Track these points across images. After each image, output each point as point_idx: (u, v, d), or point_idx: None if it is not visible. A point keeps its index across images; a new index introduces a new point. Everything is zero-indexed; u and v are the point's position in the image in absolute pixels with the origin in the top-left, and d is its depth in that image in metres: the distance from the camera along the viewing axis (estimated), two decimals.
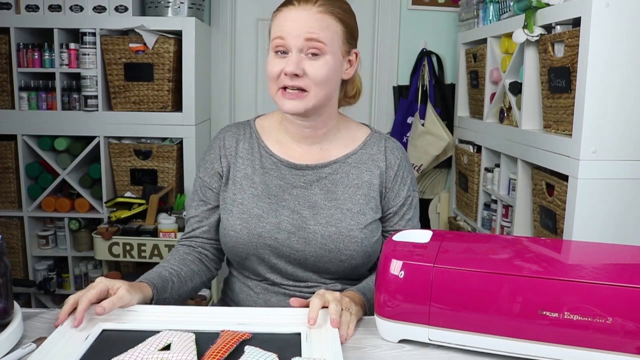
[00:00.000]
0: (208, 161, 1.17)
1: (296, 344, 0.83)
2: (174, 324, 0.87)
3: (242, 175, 1.13)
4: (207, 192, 1.16)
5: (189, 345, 0.79)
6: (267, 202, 1.11)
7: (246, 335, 0.84)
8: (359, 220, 1.10)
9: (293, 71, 1.02)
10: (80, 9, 2.29)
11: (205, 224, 1.17)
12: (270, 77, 1.06)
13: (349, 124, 1.20)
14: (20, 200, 2.45)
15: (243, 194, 1.12)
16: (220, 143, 1.17)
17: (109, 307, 0.88)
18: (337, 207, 1.10)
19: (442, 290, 0.81)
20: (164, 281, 1.05)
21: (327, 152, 1.15)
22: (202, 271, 1.16)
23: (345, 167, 1.14)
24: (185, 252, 1.16)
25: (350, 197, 1.11)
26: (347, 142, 1.16)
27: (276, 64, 1.05)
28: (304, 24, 1.02)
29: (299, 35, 1.02)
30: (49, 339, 0.81)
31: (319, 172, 1.13)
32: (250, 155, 1.15)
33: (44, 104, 2.37)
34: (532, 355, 0.80)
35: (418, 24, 2.86)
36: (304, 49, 1.03)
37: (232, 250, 1.12)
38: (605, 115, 1.50)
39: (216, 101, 2.87)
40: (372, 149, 1.16)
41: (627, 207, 1.55)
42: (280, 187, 1.12)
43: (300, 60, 1.03)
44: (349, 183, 1.12)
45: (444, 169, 2.90)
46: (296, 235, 1.09)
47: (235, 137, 1.17)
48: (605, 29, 1.46)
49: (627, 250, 0.91)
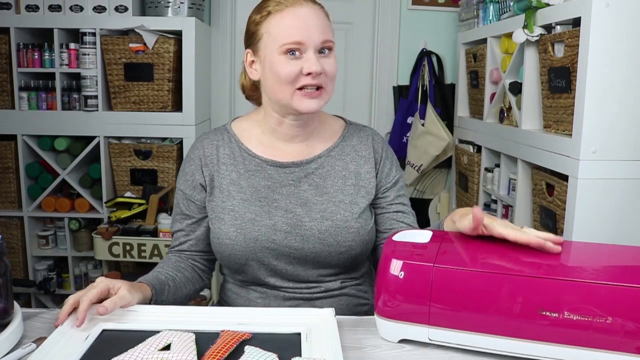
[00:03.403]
0: (188, 173, 1.14)
1: (296, 344, 0.83)
2: (174, 324, 0.87)
3: (228, 182, 1.11)
4: (190, 205, 1.14)
5: (189, 345, 0.79)
6: (259, 204, 1.09)
7: (246, 335, 0.84)
8: (352, 210, 1.10)
9: (319, 70, 1.02)
10: (80, 9, 2.29)
11: (192, 237, 1.16)
12: (286, 80, 1.03)
13: (326, 117, 1.20)
14: (20, 200, 2.45)
15: (232, 200, 1.10)
16: (200, 152, 1.14)
17: (111, 307, 0.88)
18: (329, 201, 1.10)
19: (442, 290, 0.81)
20: (162, 284, 1.06)
21: (312, 147, 1.14)
22: (195, 279, 1.16)
23: (330, 160, 1.14)
24: (178, 260, 1.16)
25: (340, 188, 1.11)
26: (327, 135, 1.17)
27: (291, 65, 1.02)
28: (316, 24, 1.03)
29: (316, 37, 1.02)
30: (49, 339, 0.81)
31: (306, 168, 1.12)
32: (233, 160, 1.13)
33: (44, 104, 2.37)
34: (532, 355, 0.80)
35: (418, 24, 2.86)
36: (318, 48, 1.03)
37: (229, 258, 1.10)
38: (605, 115, 1.50)
39: (216, 101, 2.87)
40: (353, 140, 1.17)
41: (627, 207, 1.55)
42: (268, 187, 1.11)
43: (318, 59, 1.03)
44: (336, 175, 1.12)
45: (444, 169, 2.89)
46: (292, 233, 1.08)
47: (215, 143, 1.14)
48: (605, 29, 1.46)
49: (627, 251, 0.91)
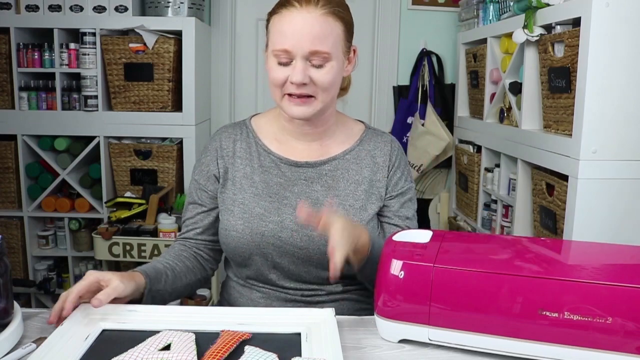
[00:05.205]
0: (204, 163, 1.16)
1: (296, 344, 0.83)
2: (174, 324, 0.87)
3: (242, 175, 1.13)
4: (202, 194, 1.16)
5: (189, 345, 0.79)
6: (269, 200, 1.10)
7: (246, 335, 0.84)
8: (361, 216, 1.10)
9: (301, 81, 1.00)
10: (80, 9, 2.29)
11: (200, 226, 1.17)
12: (275, 84, 1.04)
13: (346, 120, 1.20)
14: (20, 200, 2.45)
15: (244, 194, 1.11)
16: (217, 145, 1.16)
17: (105, 299, 0.88)
18: (339, 204, 1.10)
19: (442, 290, 0.81)
20: (158, 272, 1.06)
21: (327, 148, 1.15)
22: (197, 268, 1.17)
23: (345, 163, 1.14)
24: (181, 249, 1.17)
25: (351, 193, 1.11)
26: (344, 138, 1.16)
27: (279, 71, 1.02)
28: (308, 33, 0.99)
29: (304, 47, 0.99)
30: (49, 339, 0.81)
31: (320, 169, 1.12)
32: (248, 154, 1.14)
33: (44, 104, 2.37)
34: (532, 355, 0.80)
35: (418, 24, 2.86)
36: (308, 58, 1.01)
37: (234, 251, 1.11)
38: (605, 115, 1.50)
39: (216, 101, 2.86)
40: (370, 145, 1.16)
41: (627, 207, 1.55)
42: (280, 185, 1.11)
43: (306, 68, 1.00)
44: (349, 179, 1.12)
45: (444, 169, 2.89)
46: (299, 233, 1.08)
47: (232, 137, 1.16)
48: (605, 29, 1.46)
49: (627, 250, 0.91)
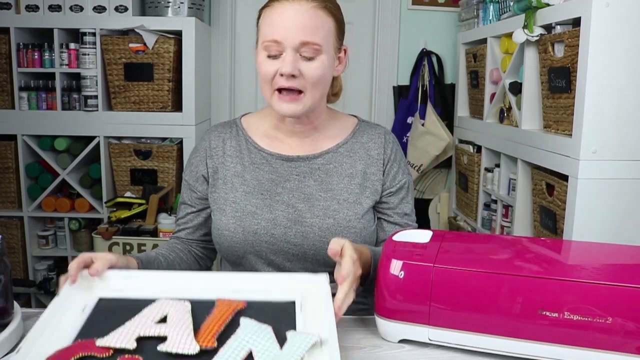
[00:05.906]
0: (193, 164, 1.17)
1: (290, 313, 0.84)
2: (169, 291, 0.88)
3: (232, 174, 1.12)
4: (192, 195, 1.17)
5: (186, 317, 0.80)
6: (260, 198, 1.09)
7: (241, 304, 0.85)
8: (356, 210, 1.09)
9: (290, 72, 1.00)
10: (80, 9, 2.29)
11: (190, 226, 1.18)
12: (264, 79, 1.04)
13: (337, 115, 1.19)
14: (20, 200, 2.45)
15: (235, 193, 1.11)
16: (206, 144, 1.16)
17: (101, 268, 0.90)
18: (333, 198, 1.09)
19: (442, 290, 0.81)
20: (150, 259, 1.07)
21: (319, 142, 1.14)
22: (191, 261, 1.18)
23: (338, 156, 1.13)
24: (176, 243, 1.19)
25: (345, 187, 1.10)
26: (337, 132, 1.16)
27: (269, 64, 1.02)
28: (299, 23, 0.99)
29: (294, 37, 0.99)
30: (46, 311, 0.81)
31: (312, 163, 1.12)
32: (239, 152, 1.14)
33: (44, 104, 2.37)
34: (532, 355, 0.80)
35: (418, 24, 2.86)
36: (299, 49, 1.01)
37: (227, 250, 1.11)
38: (605, 115, 1.50)
39: (216, 101, 2.86)
40: (363, 138, 1.15)
41: (627, 207, 1.55)
42: (272, 181, 1.10)
43: (296, 60, 1.00)
44: (343, 173, 1.11)
45: (444, 169, 2.89)
46: (293, 229, 1.07)
47: (222, 136, 1.16)
48: (605, 29, 1.46)
49: (627, 250, 0.91)
